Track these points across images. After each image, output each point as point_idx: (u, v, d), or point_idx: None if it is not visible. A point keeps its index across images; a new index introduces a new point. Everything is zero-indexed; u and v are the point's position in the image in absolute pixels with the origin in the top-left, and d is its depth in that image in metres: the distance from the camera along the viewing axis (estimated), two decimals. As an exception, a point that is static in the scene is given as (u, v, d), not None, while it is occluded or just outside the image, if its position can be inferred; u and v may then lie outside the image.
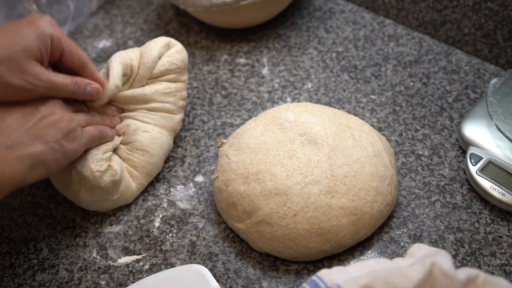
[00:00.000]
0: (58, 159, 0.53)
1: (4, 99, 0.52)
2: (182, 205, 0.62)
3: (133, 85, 0.63)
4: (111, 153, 0.61)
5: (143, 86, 0.64)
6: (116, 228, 0.61)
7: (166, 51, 0.65)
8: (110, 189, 0.59)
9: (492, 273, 0.53)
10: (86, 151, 0.58)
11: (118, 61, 0.61)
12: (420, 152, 0.64)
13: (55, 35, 0.54)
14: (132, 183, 0.62)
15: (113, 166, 0.59)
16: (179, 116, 0.66)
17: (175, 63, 0.65)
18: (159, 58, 0.64)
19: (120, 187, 0.61)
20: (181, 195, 0.63)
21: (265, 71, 0.76)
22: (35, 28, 0.53)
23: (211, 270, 0.56)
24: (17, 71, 0.51)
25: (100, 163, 0.58)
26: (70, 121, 0.54)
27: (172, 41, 0.66)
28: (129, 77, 0.63)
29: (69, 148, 0.54)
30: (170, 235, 0.60)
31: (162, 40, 0.65)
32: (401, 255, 0.56)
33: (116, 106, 0.63)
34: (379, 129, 0.67)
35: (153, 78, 0.64)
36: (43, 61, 0.54)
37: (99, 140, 0.59)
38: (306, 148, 0.57)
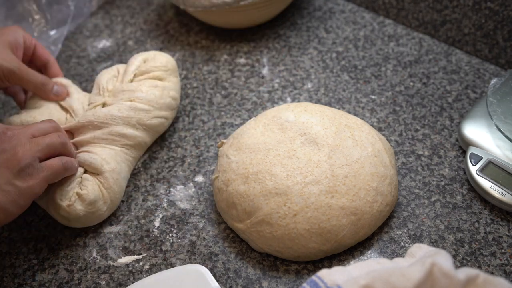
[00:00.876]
0: (15, 200, 0.50)
1: None
2: (182, 205, 0.62)
3: (123, 79, 0.66)
4: (80, 179, 0.59)
5: (131, 81, 0.67)
6: (116, 228, 0.61)
7: (152, 58, 0.69)
8: (92, 207, 0.58)
9: (492, 273, 0.53)
10: (51, 187, 0.56)
11: (105, 77, 0.67)
12: (420, 152, 0.64)
13: (26, 35, 0.65)
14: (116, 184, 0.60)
15: (81, 192, 0.57)
16: (161, 113, 0.65)
17: (161, 61, 0.68)
18: (144, 61, 0.68)
19: (104, 197, 0.59)
20: (181, 195, 0.63)
21: (265, 71, 0.76)
22: (10, 31, 0.64)
23: (211, 270, 0.56)
24: None
25: (67, 196, 0.57)
26: (23, 157, 0.51)
27: (157, 52, 0.70)
28: (118, 75, 0.67)
29: (23, 186, 0.50)
30: (170, 235, 0.60)
31: (146, 52, 0.70)
32: (401, 255, 0.56)
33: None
34: (379, 129, 0.67)
35: (140, 75, 0.67)
36: (17, 54, 0.63)
37: (64, 173, 0.56)
38: (306, 148, 0.57)
